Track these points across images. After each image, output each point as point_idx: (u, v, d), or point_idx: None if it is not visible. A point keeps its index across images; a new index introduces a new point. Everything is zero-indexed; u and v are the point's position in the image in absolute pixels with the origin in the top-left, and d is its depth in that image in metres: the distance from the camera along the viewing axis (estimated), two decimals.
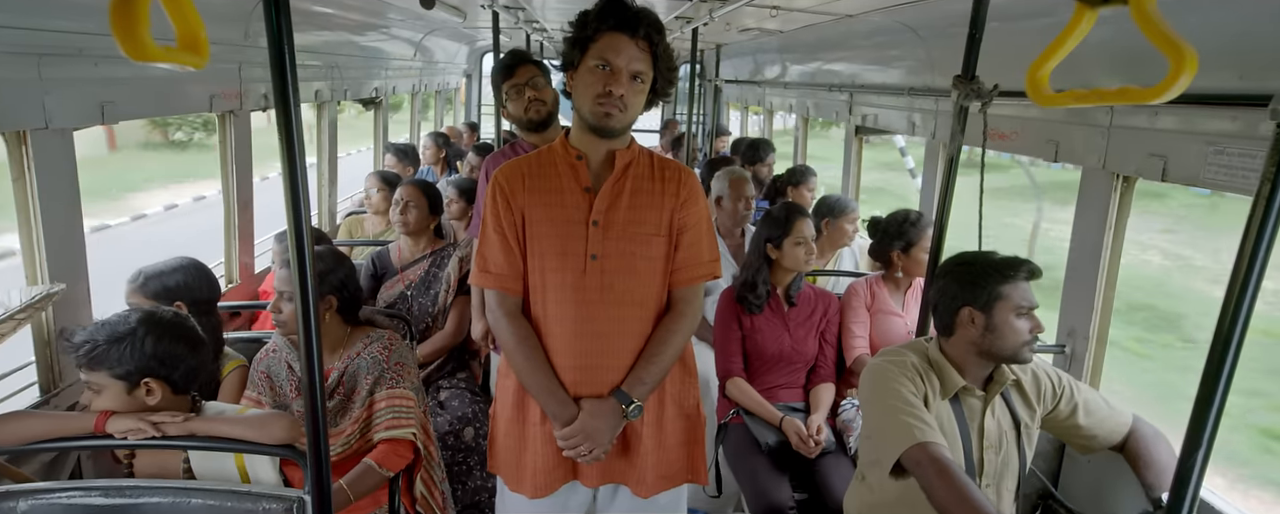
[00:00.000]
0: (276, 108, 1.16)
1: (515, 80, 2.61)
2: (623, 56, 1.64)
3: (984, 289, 1.77)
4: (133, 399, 1.53)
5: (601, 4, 1.66)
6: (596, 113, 1.67)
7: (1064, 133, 2.14)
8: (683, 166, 1.84)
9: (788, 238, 2.79)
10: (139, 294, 2.11)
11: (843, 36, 3.75)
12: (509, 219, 1.76)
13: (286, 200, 1.18)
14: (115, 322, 1.53)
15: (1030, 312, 1.77)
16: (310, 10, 3.31)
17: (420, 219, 3.07)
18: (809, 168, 4.45)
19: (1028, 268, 1.76)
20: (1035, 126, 2.26)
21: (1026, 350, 1.78)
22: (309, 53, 3.63)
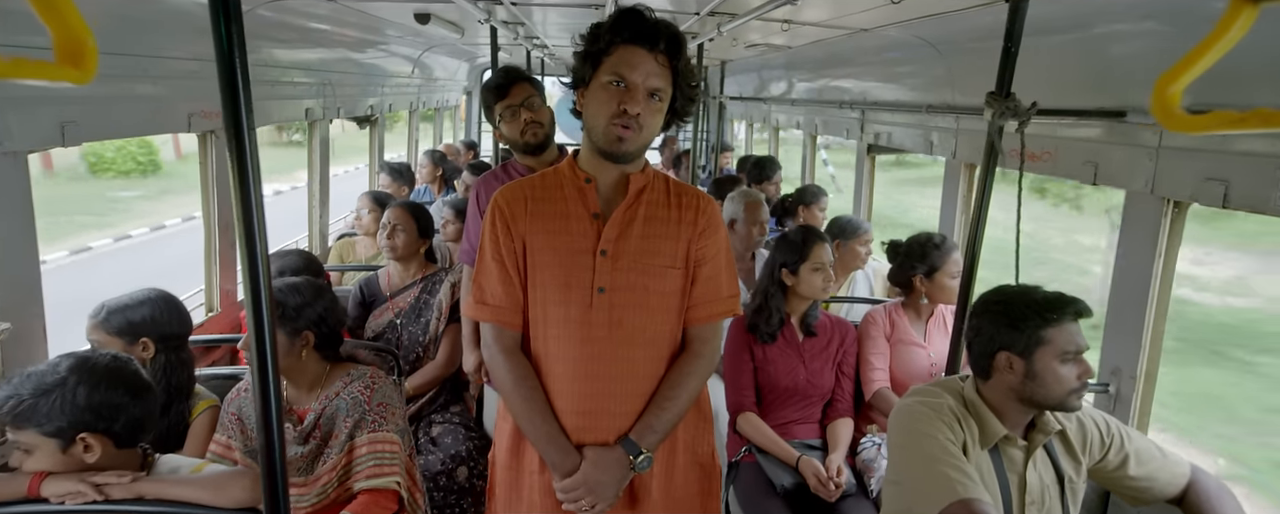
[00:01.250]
0: (226, 130, 1.00)
1: (509, 101, 2.45)
2: (639, 72, 1.49)
3: (1024, 332, 1.59)
4: (69, 458, 1.35)
5: (616, 14, 1.51)
6: (608, 135, 1.52)
7: (1104, 154, 1.98)
8: (702, 193, 1.68)
9: (805, 263, 2.63)
10: (101, 330, 1.94)
11: (854, 52, 3.61)
12: (509, 246, 1.60)
13: (239, 233, 1.01)
14: (43, 371, 1.35)
15: (1077, 356, 1.59)
16: (303, 27, 3.18)
17: (409, 243, 2.91)
18: (820, 187, 4.29)
19: (1075, 308, 1.58)
20: (1071, 147, 2.10)
21: (1073, 398, 1.60)
22: (300, 69, 3.49)
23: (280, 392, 1.21)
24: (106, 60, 2.01)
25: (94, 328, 1.95)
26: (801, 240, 2.71)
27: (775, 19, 2.70)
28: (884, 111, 3.60)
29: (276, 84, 3.16)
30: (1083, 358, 1.60)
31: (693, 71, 1.58)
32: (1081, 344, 1.59)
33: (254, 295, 1.02)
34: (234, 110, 0.99)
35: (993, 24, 2.39)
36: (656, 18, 1.51)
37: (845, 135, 4.29)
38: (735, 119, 8.20)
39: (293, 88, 3.38)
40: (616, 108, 1.48)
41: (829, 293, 2.64)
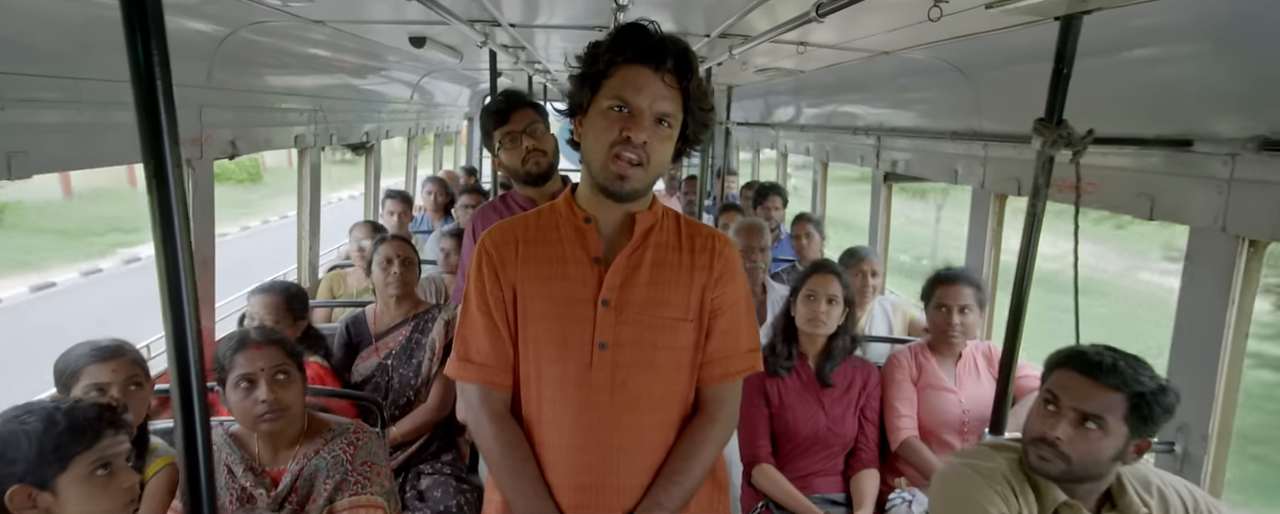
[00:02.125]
0: (145, 163, 0.81)
1: (510, 127, 2.27)
2: (644, 94, 1.30)
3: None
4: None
5: (617, 31, 1.33)
6: (607, 172, 1.33)
7: (1163, 186, 1.78)
8: (718, 233, 1.49)
9: (801, 291, 2.45)
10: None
11: (870, 76, 3.45)
12: (496, 295, 1.41)
13: (162, 292, 0.82)
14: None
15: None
16: (293, 51, 3.03)
17: (414, 279, 2.72)
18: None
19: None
20: (1121, 178, 1.91)
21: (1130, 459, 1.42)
22: (290, 95, 3.34)
23: (212, 463, 1.02)
24: (58, 85, 1.83)
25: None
26: (806, 270, 2.55)
27: (789, 41, 2.54)
28: (902, 138, 3.43)
29: (262, 109, 3.00)
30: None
31: (706, 93, 1.39)
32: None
33: (181, 365, 0.83)
34: (154, 140, 0.80)
35: (1030, 45, 2.22)
36: (663, 33, 1.33)
37: (858, 162, 4.11)
38: (741, 145, 8.05)
39: (282, 114, 3.22)
40: (618, 135, 1.30)
41: (823, 326, 2.43)
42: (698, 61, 1.37)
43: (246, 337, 1.81)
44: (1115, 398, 1.37)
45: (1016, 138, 2.45)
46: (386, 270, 2.65)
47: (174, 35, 0.86)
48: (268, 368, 1.76)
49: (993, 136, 2.59)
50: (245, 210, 17.13)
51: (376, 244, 2.71)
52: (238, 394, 1.75)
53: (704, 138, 1.44)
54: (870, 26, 2.34)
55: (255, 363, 1.76)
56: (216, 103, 2.59)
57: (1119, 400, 1.36)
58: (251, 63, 2.79)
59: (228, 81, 2.66)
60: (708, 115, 1.40)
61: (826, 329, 2.44)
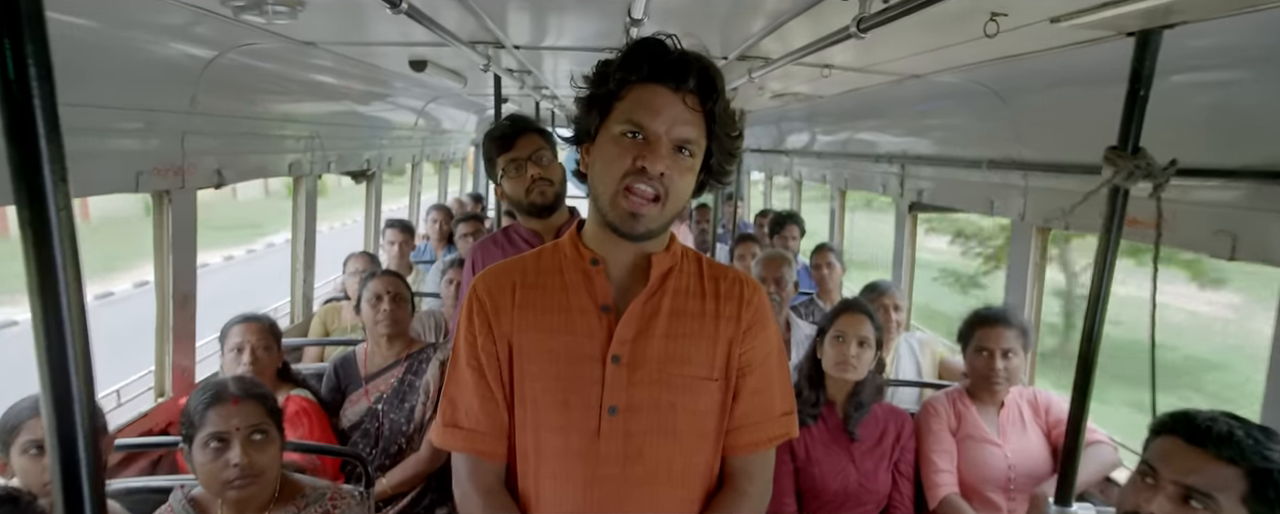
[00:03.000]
0: (17, 207, 0.62)
1: (514, 154, 2.09)
2: (662, 118, 1.12)
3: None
4: None
5: (631, 46, 1.16)
6: (618, 208, 1.14)
7: (1247, 223, 1.57)
8: (746, 278, 1.29)
9: (828, 332, 2.25)
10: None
11: (893, 101, 3.28)
12: (489, 350, 1.21)
13: (39, 360, 0.63)
14: None
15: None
16: (290, 76, 2.89)
17: (406, 317, 2.53)
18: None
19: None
20: (1196, 214, 1.70)
21: None
22: (286, 121, 3.19)
23: None
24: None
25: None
26: (834, 310, 2.34)
27: (814, 64, 2.37)
28: (929, 166, 3.23)
29: (254, 136, 2.84)
30: None
31: (733, 117, 1.20)
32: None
33: (60, 428, 0.62)
34: (30, 174, 0.61)
35: (1080, 67, 2.03)
36: (684, 48, 1.15)
37: (880, 190, 3.92)
38: (751, 172, 7.89)
39: (276, 141, 3.06)
40: (631, 165, 1.11)
41: (852, 372, 2.22)
42: (724, 80, 1.18)
43: (223, 390, 1.62)
44: (1230, 473, 1.14)
45: (1062, 167, 2.26)
46: (375, 308, 2.46)
47: (151, 61, 0.68)
48: (244, 427, 1.57)
49: (1034, 166, 2.39)
50: (325, 216, 19.32)
51: (365, 280, 2.53)
52: (206, 454, 1.55)
53: (731, 168, 1.24)
54: (904, 47, 2.16)
55: (230, 420, 1.56)
56: (201, 129, 2.43)
57: (1235, 477, 1.14)
58: (241, 87, 2.64)
59: (215, 107, 2.51)
60: (735, 142, 1.21)
61: (857, 374, 2.23)
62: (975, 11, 1.33)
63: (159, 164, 2.23)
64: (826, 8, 1.58)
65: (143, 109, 2.11)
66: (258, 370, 2.22)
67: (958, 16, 1.35)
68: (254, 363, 2.22)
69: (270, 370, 2.29)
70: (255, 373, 2.21)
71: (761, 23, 1.96)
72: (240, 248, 17.90)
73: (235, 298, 3.68)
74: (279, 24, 2.02)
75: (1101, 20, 1.29)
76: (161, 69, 2.14)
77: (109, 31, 1.86)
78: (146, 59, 2.07)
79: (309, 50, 2.53)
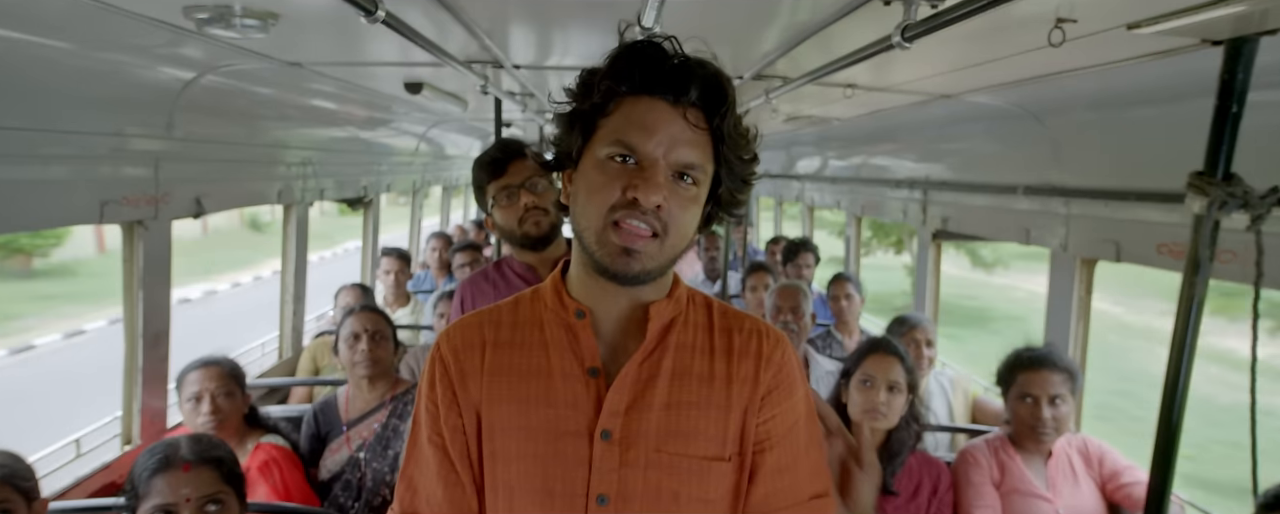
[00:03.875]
0: None
1: (506, 180, 1.91)
2: (658, 138, 0.92)
3: None
4: None
5: (621, 51, 0.96)
6: (607, 246, 0.93)
7: None
8: (766, 327, 1.07)
9: (855, 374, 2.04)
10: None
11: (914, 123, 3.10)
12: (454, 424, 1.01)
13: None
14: None
15: None
16: (279, 99, 2.74)
17: (389, 356, 2.33)
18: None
19: None
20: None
21: None
22: (277, 147, 3.04)
23: None
24: None
25: None
26: (860, 349, 2.13)
27: (837, 83, 2.20)
28: (957, 192, 3.04)
29: (238, 162, 2.68)
30: None
31: (745, 136, 0.98)
32: None
33: None
34: None
35: (1127, 86, 1.85)
36: (685, 53, 0.95)
37: (900, 217, 3.72)
38: (760, 196, 7.71)
39: (260, 167, 2.90)
40: (621, 196, 0.91)
41: (884, 419, 2.02)
42: (733, 90, 0.97)
43: (172, 454, 1.42)
44: None
45: (1110, 194, 2.06)
46: (353, 348, 2.26)
47: (121, 82, 0.51)
48: (196, 498, 1.37)
49: (1078, 192, 2.19)
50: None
51: (343, 317, 2.34)
52: None
53: (744, 198, 1.03)
54: (939, 64, 1.99)
55: (179, 490, 1.36)
56: (178, 155, 2.27)
57: None
58: (224, 111, 2.48)
59: (195, 131, 2.35)
60: (748, 167, 0.99)
61: (888, 423, 2.02)
62: (1039, 19, 1.15)
63: (128, 193, 2.06)
64: (861, 17, 1.40)
65: (109, 134, 1.94)
66: (219, 420, 2.02)
67: (1020, 23, 1.18)
68: (215, 412, 2.02)
69: (234, 419, 2.09)
70: (216, 423, 2.01)
71: (782, 37, 1.78)
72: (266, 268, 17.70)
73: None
74: (256, 41, 1.87)
75: (1187, 26, 1.10)
76: (131, 92, 1.98)
77: (71, 52, 1.70)
78: (114, 81, 1.91)
79: (297, 72, 2.38)
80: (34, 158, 1.70)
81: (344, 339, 2.29)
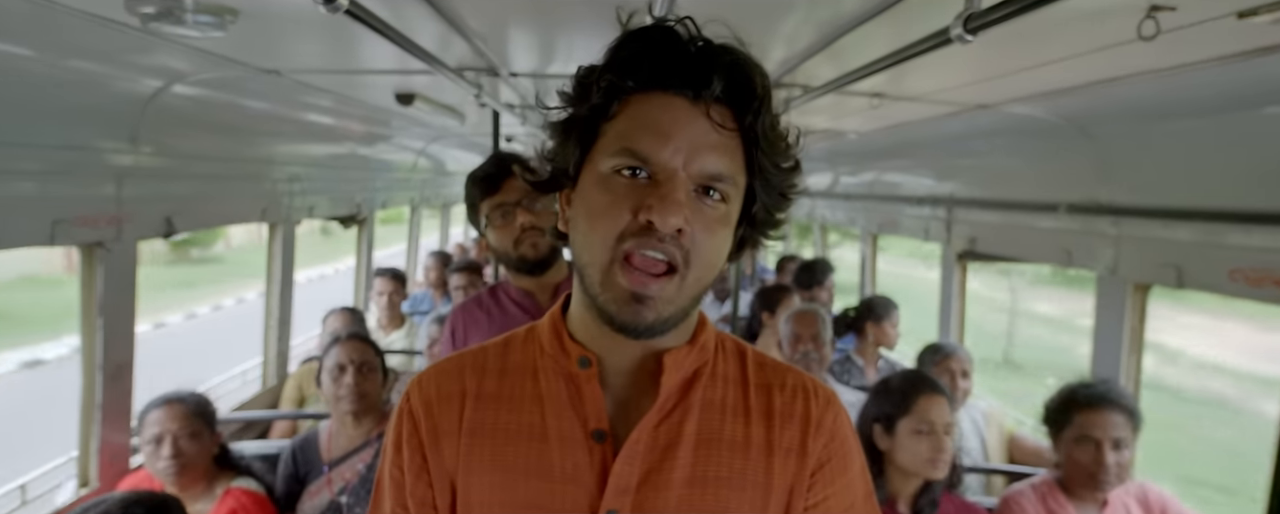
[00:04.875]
0: None
1: (500, 198, 1.72)
2: (675, 144, 0.73)
3: None
4: None
5: (626, 38, 0.76)
6: (613, 288, 0.74)
7: None
8: (814, 384, 0.87)
9: (905, 420, 1.83)
10: None
11: (940, 136, 2.90)
12: (423, 496, 0.83)
13: None
14: None
15: None
16: (261, 110, 2.56)
17: (376, 390, 2.13)
18: (890, 299, 3.47)
19: None
20: None
21: None
22: (261, 162, 2.86)
23: None
24: None
25: None
26: (903, 387, 1.91)
27: (862, 93, 2.01)
28: (983, 210, 2.84)
29: (215, 179, 2.49)
30: None
31: (784, 139, 0.79)
32: None
33: None
34: None
35: (1185, 96, 1.66)
36: (707, 41, 0.76)
37: (922, 236, 3.52)
38: None
39: (241, 184, 2.72)
40: (632, 220, 0.72)
41: (944, 469, 1.81)
42: (769, 82, 0.77)
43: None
44: None
45: (1171, 213, 1.86)
46: (337, 381, 2.07)
47: (75, 91, 0.32)
48: None
49: (1130, 211, 1.99)
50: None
51: (329, 345, 2.14)
52: None
53: (783, 217, 0.83)
54: (969, 72, 1.80)
55: None
56: (146, 171, 2.08)
57: None
58: (199, 123, 2.30)
59: (166, 145, 2.17)
60: (789, 177, 0.80)
61: (944, 472, 1.82)
62: (1130, 7, 0.96)
63: (85, 212, 1.87)
64: (906, 10, 1.21)
65: (61, 148, 1.76)
66: (182, 465, 1.82)
67: (1105, 12, 0.99)
68: (176, 456, 1.82)
69: (201, 462, 1.88)
70: (178, 468, 1.81)
71: (810, 37, 1.60)
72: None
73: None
74: (222, 44, 1.69)
75: None
76: (88, 102, 1.80)
77: (12, 56, 1.53)
78: (68, 90, 1.73)
79: (277, 81, 2.20)
80: None
81: (327, 370, 2.09)
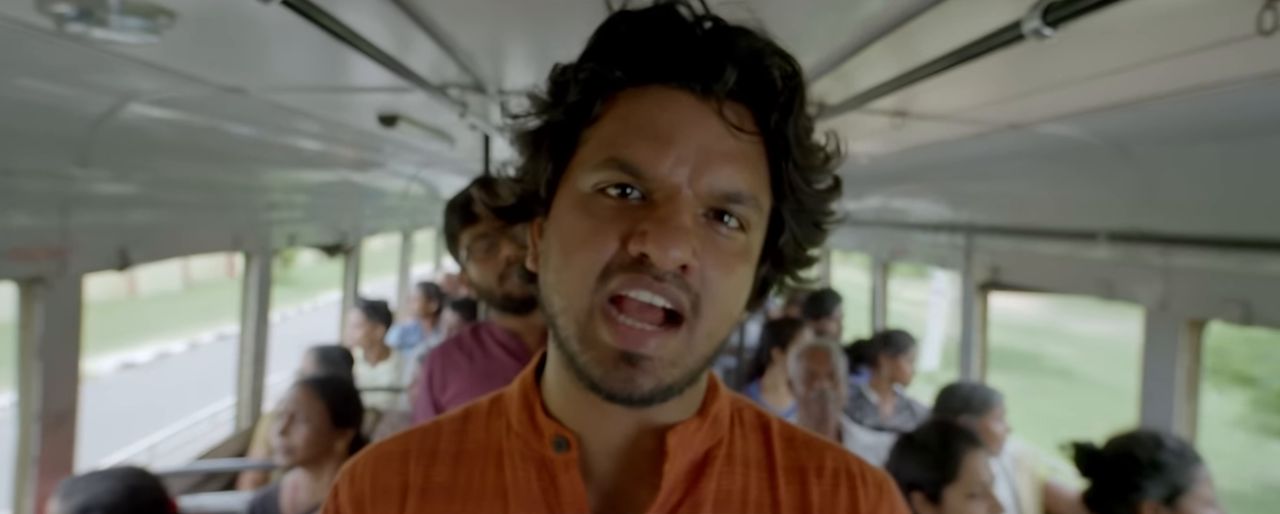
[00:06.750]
0: None
1: (482, 227, 1.53)
2: (679, 151, 0.55)
3: None
4: None
5: (617, 17, 0.58)
6: (596, 353, 0.56)
7: None
8: (862, 464, 0.68)
9: (953, 486, 1.63)
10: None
11: (956, 159, 2.73)
12: None
13: None
14: None
15: None
16: (233, 133, 2.38)
17: (315, 440, 1.89)
18: (908, 333, 3.26)
19: None
20: None
21: None
22: (237, 189, 2.68)
23: None
24: None
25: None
26: (941, 443, 1.70)
27: (883, 110, 1.84)
28: (1011, 237, 2.65)
29: (178, 207, 2.30)
30: None
31: (817, 150, 0.60)
32: None
33: None
34: None
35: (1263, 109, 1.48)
36: (721, 20, 0.58)
37: (937, 264, 3.33)
38: None
39: (209, 212, 2.53)
40: (619, 251, 0.55)
41: None
42: (801, 75, 0.59)
43: None
44: None
45: (1232, 243, 1.67)
46: (281, 433, 1.86)
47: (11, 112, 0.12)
48: None
49: (1181, 239, 1.80)
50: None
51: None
52: None
53: (816, 250, 0.64)
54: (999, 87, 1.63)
55: None
56: (96, 199, 1.89)
57: None
58: (160, 147, 2.12)
59: (122, 171, 1.99)
60: (824, 200, 0.61)
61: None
62: None
63: (21, 244, 1.67)
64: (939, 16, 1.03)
65: (6, 171, 1.57)
66: None
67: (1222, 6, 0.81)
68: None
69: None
70: None
71: (829, 49, 1.42)
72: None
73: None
74: (164, 54, 1.51)
75: None
76: (22, 124, 1.61)
77: None
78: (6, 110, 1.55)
79: (246, 101, 2.03)
80: None
81: (275, 417, 1.89)
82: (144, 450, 7.17)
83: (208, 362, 12.86)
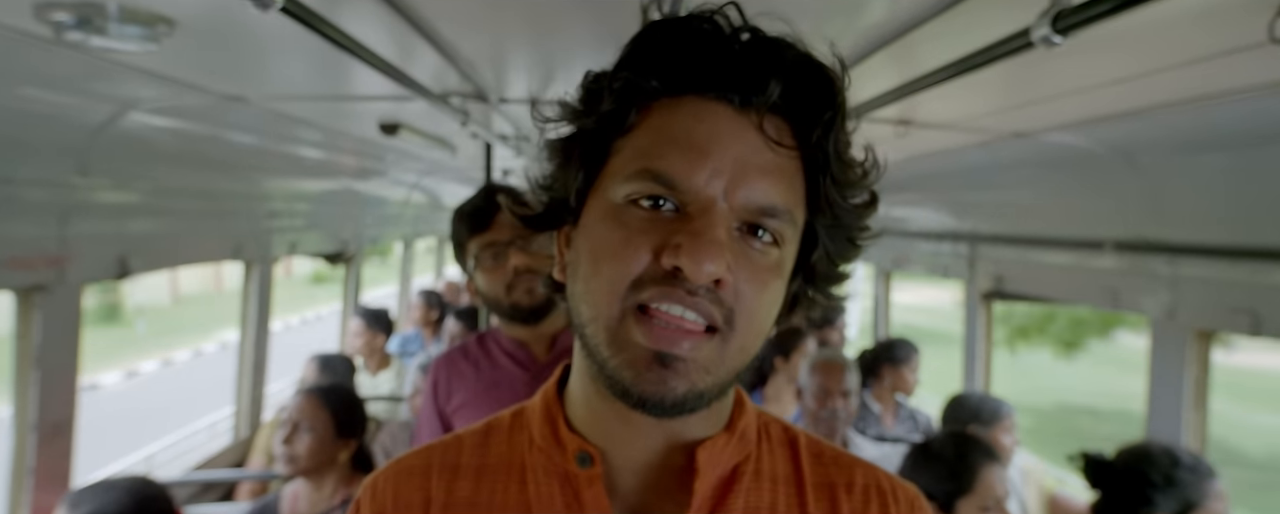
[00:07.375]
0: None
1: (491, 236, 1.52)
2: (715, 164, 0.54)
3: None
4: None
5: (653, 27, 0.57)
6: (629, 355, 0.54)
7: None
8: (893, 480, 0.66)
9: (966, 500, 1.61)
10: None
11: (960, 168, 2.72)
12: None
13: None
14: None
15: None
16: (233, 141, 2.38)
17: (317, 451, 1.88)
18: (910, 343, 3.24)
19: None
20: None
21: None
22: (237, 197, 2.67)
23: None
24: None
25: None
26: (957, 454, 1.68)
27: (887, 119, 1.83)
28: (1015, 246, 2.63)
29: (178, 215, 2.29)
30: None
31: (860, 166, 0.60)
32: None
33: None
34: None
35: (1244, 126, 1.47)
36: (757, 29, 0.57)
37: (941, 274, 3.31)
38: None
39: (209, 220, 2.52)
40: (651, 263, 0.54)
41: None
42: (844, 89, 0.58)
43: None
44: None
45: (1242, 252, 1.65)
46: (284, 442, 1.84)
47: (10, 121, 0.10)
48: None
49: (1188, 249, 1.79)
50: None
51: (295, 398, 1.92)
52: None
53: (849, 267, 0.64)
54: (1009, 96, 1.62)
55: None
56: (96, 207, 1.89)
57: None
58: (160, 155, 2.11)
59: (122, 179, 1.98)
60: (860, 217, 0.60)
61: None
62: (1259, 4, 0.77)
63: (19, 253, 1.66)
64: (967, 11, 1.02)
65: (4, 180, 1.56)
66: None
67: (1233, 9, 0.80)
68: None
69: None
70: None
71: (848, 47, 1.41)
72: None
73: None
74: (165, 63, 1.50)
75: None
76: (21, 132, 1.60)
77: None
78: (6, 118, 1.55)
79: (248, 110, 2.02)
80: None
81: (279, 426, 1.87)
82: (142, 460, 7.14)
83: (190, 379, 12.64)
